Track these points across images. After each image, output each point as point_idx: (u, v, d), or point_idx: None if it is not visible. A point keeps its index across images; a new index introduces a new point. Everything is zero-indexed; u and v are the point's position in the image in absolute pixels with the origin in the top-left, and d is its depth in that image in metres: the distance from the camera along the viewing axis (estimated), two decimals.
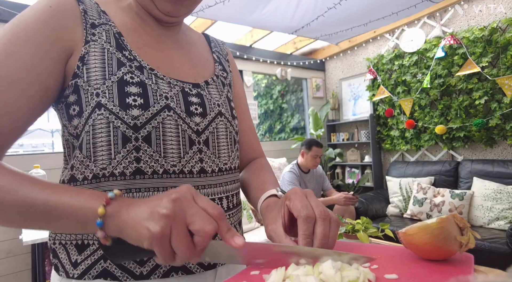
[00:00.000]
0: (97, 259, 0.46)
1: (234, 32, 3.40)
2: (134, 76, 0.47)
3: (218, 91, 0.58)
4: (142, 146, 0.46)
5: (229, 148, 0.57)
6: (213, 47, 0.66)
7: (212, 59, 0.63)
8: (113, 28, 0.50)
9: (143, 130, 0.46)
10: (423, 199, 2.78)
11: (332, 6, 2.37)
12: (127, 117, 0.45)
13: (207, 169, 0.52)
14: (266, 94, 5.64)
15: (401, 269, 0.37)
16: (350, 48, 3.98)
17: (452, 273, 0.35)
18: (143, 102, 0.46)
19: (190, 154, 0.50)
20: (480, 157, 2.93)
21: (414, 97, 3.23)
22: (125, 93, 0.46)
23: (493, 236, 2.21)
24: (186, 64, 0.56)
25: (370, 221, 0.95)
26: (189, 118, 0.50)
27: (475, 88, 2.82)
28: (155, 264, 0.46)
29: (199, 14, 2.30)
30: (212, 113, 0.54)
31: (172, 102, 0.49)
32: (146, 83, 0.47)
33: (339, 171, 4.07)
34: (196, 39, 0.63)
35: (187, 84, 0.53)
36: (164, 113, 0.47)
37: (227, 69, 0.65)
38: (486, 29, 2.73)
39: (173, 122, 0.48)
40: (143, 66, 0.49)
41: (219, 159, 0.54)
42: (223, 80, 0.61)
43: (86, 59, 0.46)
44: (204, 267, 0.50)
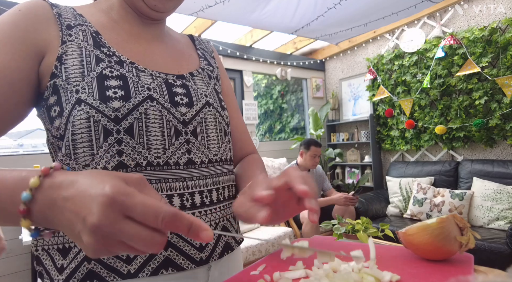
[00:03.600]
0: (80, 261, 0.45)
1: (234, 32, 3.40)
2: (114, 70, 0.47)
3: (204, 82, 0.57)
4: (124, 138, 0.45)
5: (220, 139, 0.56)
6: (197, 45, 0.66)
7: (196, 55, 0.63)
8: (90, 28, 0.50)
9: (124, 122, 0.45)
10: (423, 199, 2.78)
11: (332, 6, 2.37)
12: (107, 109, 0.44)
13: (196, 160, 0.50)
14: (266, 94, 5.64)
15: (401, 269, 0.37)
16: (350, 48, 3.98)
17: (452, 273, 0.35)
18: (124, 93, 0.46)
19: (176, 145, 0.49)
20: (480, 157, 2.93)
21: (414, 97, 3.23)
22: (105, 86, 0.45)
23: (493, 236, 2.21)
24: (168, 58, 0.56)
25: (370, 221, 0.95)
26: (174, 108, 0.49)
27: (475, 88, 2.82)
28: (142, 261, 0.45)
29: (199, 14, 2.30)
30: (199, 103, 0.53)
31: (155, 93, 0.48)
32: (126, 76, 0.47)
33: (339, 171, 4.07)
34: (179, 38, 0.64)
35: (170, 75, 0.52)
36: (146, 104, 0.47)
37: (213, 65, 0.65)
38: (486, 29, 2.73)
39: (157, 113, 0.47)
40: (123, 60, 0.49)
41: (208, 150, 0.53)
42: (209, 73, 0.61)
43: (64, 58, 0.46)
44: (195, 262, 0.49)
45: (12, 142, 3.06)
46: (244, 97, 3.61)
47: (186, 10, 2.25)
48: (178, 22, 2.90)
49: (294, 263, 0.45)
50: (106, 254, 0.28)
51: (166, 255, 0.46)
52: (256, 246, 2.38)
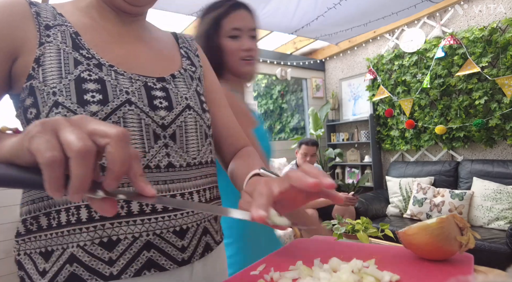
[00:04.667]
0: (62, 264, 0.44)
1: None
2: (92, 73, 0.46)
3: (186, 85, 0.57)
4: None
5: (199, 142, 0.55)
6: (181, 43, 0.64)
7: (179, 54, 0.62)
8: (70, 29, 0.49)
9: None
10: (423, 199, 2.78)
11: (332, 6, 2.37)
12: (85, 113, 0.44)
13: (175, 163, 0.51)
14: (266, 94, 5.64)
15: (401, 269, 0.37)
16: (350, 48, 3.98)
17: (452, 273, 0.35)
18: (102, 97, 0.45)
19: (156, 149, 0.49)
20: (480, 157, 2.93)
21: (414, 97, 3.23)
22: (83, 90, 0.45)
23: (493, 236, 2.21)
24: (149, 59, 0.55)
25: (370, 221, 0.95)
26: (153, 112, 0.49)
27: (475, 88, 2.83)
28: (125, 263, 0.45)
29: (198, 14, 2.30)
30: (179, 106, 0.53)
31: (134, 96, 0.48)
32: (104, 80, 0.47)
33: (339, 171, 4.07)
34: (162, 36, 0.62)
35: (150, 78, 0.52)
36: (124, 108, 0.46)
37: (196, 64, 0.64)
38: (486, 29, 2.73)
39: (135, 117, 0.47)
40: (102, 63, 0.48)
41: (187, 153, 0.53)
42: (191, 74, 0.60)
43: (42, 60, 0.45)
44: (178, 263, 0.49)
45: None
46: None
47: (186, 10, 2.25)
48: (178, 22, 2.90)
49: (294, 263, 0.45)
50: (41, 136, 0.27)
51: (149, 256, 0.47)
52: None
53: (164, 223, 0.48)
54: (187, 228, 0.50)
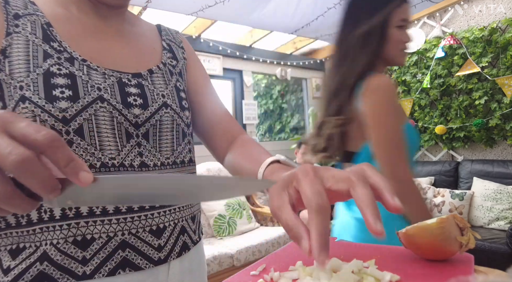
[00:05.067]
0: (32, 262, 0.42)
1: (234, 32, 3.40)
2: (62, 67, 0.44)
3: (164, 80, 0.54)
4: (75, 139, 0.43)
5: (175, 142, 0.54)
6: (164, 35, 0.62)
7: (160, 47, 0.59)
8: (41, 19, 0.46)
9: (73, 122, 0.43)
10: None
11: (332, 6, 2.37)
12: (54, 109, 0.42)
13: (148, 163, 0.49)
14: (266, 94, 5.64)
15: (401, 269, 0.37)
16: None
17: (452, 273, 0.35)
18: (72, 94, 0.43)
19: (128, 148, 0.47)
20: (480, 157, 2.93)
21: (414, 97, 3.23)
22: (52, 85, 0.43)
23: (493, 236, 2.21)
24: (127, 54, 0.52)
25: None
26: (126, 109, 0.47)
27: (475, 88, 2.83)
28: (99, 262, 0.44)
29: (198, 14, 2.30)
30: (155, 104, 0.51)
31: (106, 93, 0.46)
32: (75, 75, 0.45)
33: None
34: (144, 30, 0.59)
35: (125, 74, 0.50)
36: (96, 105, 0.45)
37: (179, 57, 0.61)
38: (486, 29, 2.73)
39: (107, 114, 0.46)
40: (74, 57, 0.46)
41: (160, 153, 0.51)
42: (171, 68, 0.58)
43: (9, 52, 0.43)
44: (154, 262, 0.48)
45: None
46: (244, 97, 3.61)
47: (186, 10, 2.25)
48: (177, 22, 2.90)
49: (294, 263, 0.45)
50: None
51: (124, 255, 0.46)
52: (256, 246, 2.38)
53: (140, 222, 0.47)
54: (164, 227, 0.50)
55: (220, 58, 3.33)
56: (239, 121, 3.59)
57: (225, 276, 2.05)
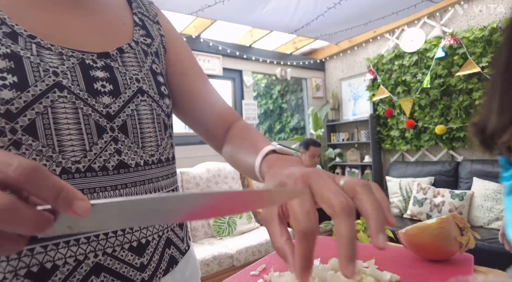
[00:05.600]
0: None
1: (233, 32, 3.40)
2: (1, 46, 0.34)
3: (138, 62, 0.45)
4: (24, 139, 0.34)
5: (158, 135, 0.45)
6: (135, 8, 0.51)
7: (131, 22, 0.49)
8: None
9: (22, 118, 0.34)
10: (423, 199, 2.78)
11: (332, 6, 2.37)
12: None
13: (129, 162, 0.41)
14: (266, 94, 5.64)
15: (401, 269, 0.37)
16: (350, 48, 3.98)
17: (452, 273, 0.35)
18: (18, 80, 0.34)
19: (101, 145, 0.38)
20: (480, 157, 2.93)
21: (414, 97, 3.23)
22: None
23: (493, 237, 2.21)
24: (89, 29, 0.42)
25: None
26: (93, 98, 0.38)
27: (475, 88, 2.82)
28: None
29: (198, 13, 2.30)
30: (129, 90, 0.42)
31: (65, 78, 0.37)
32: (21, 55, 0.35)
33: (339, 171, 4.07)
34: (109, 0, 0.49)
35: (89, 54, 0.40)
36: (53, 94, 0.36)
37: (153, 34, 0.51)
38: (486, 29, 2.73)
39: (69, 105, 0.36)
40: (18, 32, 0.36)
41: (143, 149, 0.43)
42: (144, 47, 0.48)
43: None
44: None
45: None
46: (243, 97, 3.61)
47: (185, 10, 2.24)
48: (177, 22, 2.89)
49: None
50: None
51: (99, 281, 0.37)
52: (256, 247, 2.38)
53: (116, 239, 0.38)
54: (147, 242, 0.41)
55: (220, 58, 3.33)
56: None
57: (225, 276, 2.05)
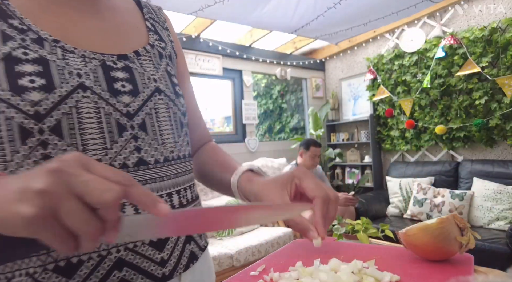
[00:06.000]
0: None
1: (233, 32, 3.40)
2: (29, 51, 0.36)
3: (153, 64, 0.47)
4: (51, 139, 0.36)
5: (176, 133, 0.47)
6: (146, 14, 0.54)
7: (144, 27, 0.51)
8: None
9: (49, 118, 0.35)
10: (423, 199, 2.78)
11: (332, 6, 2.37)
12: (23, 103, 0.34)
13: (148, 159, 0.42)
14: (266, 94, 5.64)
15: (401, 269, 0.37)
16: (350, 48, 3.98)
17: (452, 274, 0.35)
18: (46, 82, 0.36)
19: (121, 143, 0.40)
20: (480, 157, 2.93)
21: (414, 97, 3.23)
22: (17, 73, 0.35)
23: (493, 237, 2.21)
24: (106, 33, 0.44)
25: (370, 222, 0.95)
26: (114, 98, 0.40)
27: (475, 88, 2.82)
28: None
29: (198, 13, 2.30)
30: (147, 90, 0.44)
31: (88, 79, 0.39)
32: (48, 59, 0.37)
33: (339, 171, 4.07)
34: (121, 4, 0.51)
35: (109, 56, 0.42)
36: (77, 95, 0.37)
37: (165, 39, 0.54)
38: (486, 29, 2.73)
39: (92, 105, 0.38)
40: (43, 37, 0.38)
41: (163, 146, 0.44)
42: (160, 50, 0.50)
43: None
44: (157, 280, 0.41)
45: None
46: (243, 97, 3.61)
47: (185, 9, 2.24)
48: (177, 22, 2.89)
49: (294, 264, 0.45)
50: (71, 247, 0.25)
51: (121, 276, 0.38)
52: (255, 247, 2.38)
53: None
54: (167, 237, 0.43)
55: (220, 58, 3.33)
56: (239, 121, 3.59)
57: (225, 276, 2.05)
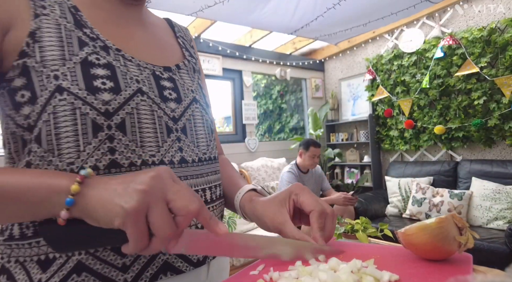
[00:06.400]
0: (67, 274, 0.39)
1: (233, 32, 3.40)
2: (100, 57, 0.41)
3: (189, 77, 0.53)
4: (116, 134, 0.40)
5: (207, 137, 0.53)
6: (177, 32, 0.60)
7: (177, 44, 0.57)
8: (67, 1, 0.42)
9: (116, 116, 0.40)
10: (422, 199, 2.78)
11: (332, 7, 2.37)
12: (97, 102, 0.39)
13: (187, 158, 0.48)
14: (266, 94, 5.64)
15: (400, 269, 0.37)
16: (349, 49, 3.99)
17: (451, 273, 0.35)
18: (114, 85, 0.40)
19: (169, 143, 0.45)
20: (479, 157, 2.94)
21: (413, 97, 3.23)
22: (92, 75, 0.39)
23: (491, 236, 2.22)
24: (153, 46, 0.50)
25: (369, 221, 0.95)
26: (164, 103, 0.46)
27: (474, 88, 2.83)
28: (140, 268, 0.42)
29: (198, 14, 2.30)
30: (187, 99, 0.50)
31: (144, 86, 0.44)
32: (114, 65, 0.42)
33: (338, 171, 4.07)
34: (158, 23, 0.57)
35: (157, 67, 0.48)
36: (137, 98, 0.42)
37: (194, 56, 0.61)
38: (485, 30, 2.74)
39: (148, 108, 0.43)
40: (108, 46, 0.43)
41: (198, 148, 0.50)
42: (193, 65, 0.57)
43: (38, 35, 0.38)
44: (193, 264, 0.46)
45: None
46: (243, 97, 3.61)
47: (185, 10, 2.25)
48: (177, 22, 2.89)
49: (293, 263, 0.45)
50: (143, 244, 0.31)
51: (165, 259, 0.44)
52: None
53: None
54: None
55: (220, 58, 3.34)
56: (239, 121, 3.59)
57: None
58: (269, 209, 0.47)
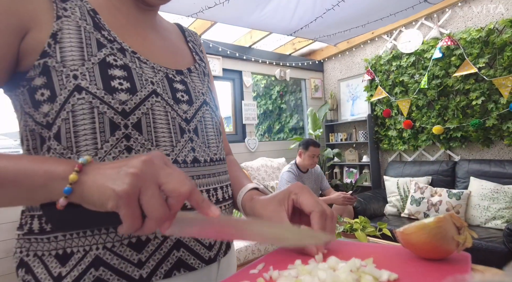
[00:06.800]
0: (85, 268, 0.40)
1: (233, 33, 3.40)
2: (117, 58, 0.43)
3: (200, 80, 0.56)
4: (133, 133, 0.42)
5: (217, 138, 0.55)
6: (188, 37, 0.63)
7: (187, 48, 0.60)
8: (86, 4, 0.44)
9: (132, 116, 0.42)
10: (420, 198, 2.79)
11: (331, 8, 2.37)
12: (114, 101, 0.41)
13: (200, 158, 0.49)
14: (265, 94, 5.64)
15: (399, 268, 0.38)
16: (348, 49, 3.99)
17: (450, 272, 0.35)
18: (130, 86, 0.42)
19: (182, 143, 0.47)
20: (477, 157, 2.95)
21: (411, 97, 3.24)
22: (109, 76, 0.41)
23: (490, 235, 2.22)
24: (165, 50, 0.52)
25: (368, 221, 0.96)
26: (176, 105, 0.48)
27: (472, 88, 2.84)
28: (155, 264, 0.43)
29: (198, 15, 2.30)
30: (198, 101, 0.52)
31: (158, 87, 0.46)
32: (130, 66, 0.43)
33: (337, 171, 4.08)
34: (170, 28, 0.60)
35: (170, 70, 0.50)
36: (152, 99, 0.44)
37: (204, 60, 0.63)
38: (483, 30, 2.75)
39: (162, 109, 0.45)
40: (125, 48, 0.45)
41: (209, 148, 0.52)
42: (203, 69, 0.59)
43: (60, 37, 0.40)
44: (205, 261, 0.48)
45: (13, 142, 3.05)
46: (243, 97, 3.61)
47: (185, 12, 2.25)
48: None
49: (293, 262, 0.45)
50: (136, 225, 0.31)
51: (179, 256, 0.45)
52: (255, 245, 2.38)
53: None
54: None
55: (220, 59, 3.34)
56: (239, 122, 3.59)
57: None
58: (268, 208, 0.47)
